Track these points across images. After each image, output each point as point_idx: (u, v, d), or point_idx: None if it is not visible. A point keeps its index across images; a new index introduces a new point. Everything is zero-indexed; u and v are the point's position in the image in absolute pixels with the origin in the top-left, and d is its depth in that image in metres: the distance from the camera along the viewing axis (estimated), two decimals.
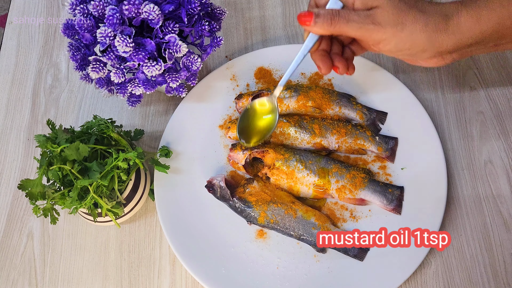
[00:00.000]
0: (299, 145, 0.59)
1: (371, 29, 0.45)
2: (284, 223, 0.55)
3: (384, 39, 0.45)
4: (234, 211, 0.57)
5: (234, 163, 0.60)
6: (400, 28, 0.44)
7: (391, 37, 0.45)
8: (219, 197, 0.57)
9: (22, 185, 0.52)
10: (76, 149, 0.51)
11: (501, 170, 0.59)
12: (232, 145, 0.60)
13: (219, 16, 0.60)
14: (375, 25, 0.45)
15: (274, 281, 0.54)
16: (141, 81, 0.55)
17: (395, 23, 0.44)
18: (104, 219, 0.55)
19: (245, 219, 0.56)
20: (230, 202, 0.56)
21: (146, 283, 0.57)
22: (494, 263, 0.54)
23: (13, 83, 0.72)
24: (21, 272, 0.59)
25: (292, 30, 0.72)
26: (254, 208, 0.56)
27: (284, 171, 0.57)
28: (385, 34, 0.45)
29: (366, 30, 0.45)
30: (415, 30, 0.44)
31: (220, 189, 0.57)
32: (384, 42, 0.46)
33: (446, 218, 0.56)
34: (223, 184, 0.56)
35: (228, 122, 0.62)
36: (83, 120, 0.68)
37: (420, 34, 0.44)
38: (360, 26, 0.45)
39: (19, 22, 0.78)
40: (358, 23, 0.45)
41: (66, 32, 0.55)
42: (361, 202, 0.56)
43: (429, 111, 0.62)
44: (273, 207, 0.55)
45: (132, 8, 0.50)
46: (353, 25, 0.45)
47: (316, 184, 0.56)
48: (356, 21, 0.45)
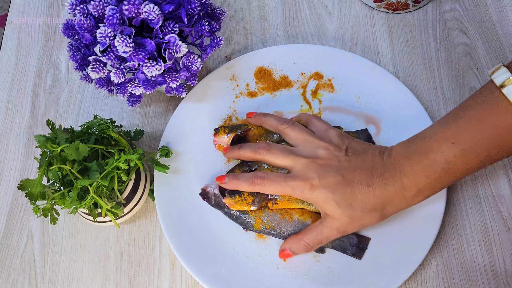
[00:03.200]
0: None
1: (341, 233, 0.52)
2: (281, 228, 0.55)
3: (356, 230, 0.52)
4: (229, 218, 0.57)
5: (220, 146, 0.60)
6: (361, 224, 0.51)
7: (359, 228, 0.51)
8: (214, 205, 0.57)
9: (22, 185, 0.52)
10: (76, 149, 0.51)
11: (501, 170, 0.58)
12: (215, 130, 0.60)
13: (219, 16, 0.60)
14: (340, 232, 0.51)
15: (274, 281, 0.54)
16: (141, 81, 0.55)
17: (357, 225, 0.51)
18: (104, 219, 0.55)
19: (241, 225, 0.56)
20: (225, 210, 0.56)
21: (146, 283, 0.57)
22: (494, 263, 0.54)
23: (13, 83, 0.72)
24: (21, 272, 0.59)
25: (292, 30, 0.72)
26: (249, 215, 0.55)
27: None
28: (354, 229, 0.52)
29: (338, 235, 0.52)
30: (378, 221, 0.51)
31: (214, 196, 0.56)
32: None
33: (446, 218, 0.56)
34: (218, 192, 0.56)
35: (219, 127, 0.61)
36: (83, 120, 0.68)
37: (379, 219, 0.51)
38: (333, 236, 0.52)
39: (19, 22, 0.78)
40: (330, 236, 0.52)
41: (66, 32, 0.55)
42: None
43: (429, 111, 0.62)
44: (268, 213, 0.55)
45: (132, 8, 0.50)
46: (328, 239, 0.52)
47: None
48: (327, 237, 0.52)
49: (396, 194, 0.48)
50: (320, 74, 0.65)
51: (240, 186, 0.54)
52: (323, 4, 0.74)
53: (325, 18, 0.72)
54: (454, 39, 0.68)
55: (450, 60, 0.67)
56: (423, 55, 0.67)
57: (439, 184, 0.48)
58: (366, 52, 0.68)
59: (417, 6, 0.70)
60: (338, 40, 0.70)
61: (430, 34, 0.69)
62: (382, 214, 0.50)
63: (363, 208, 0.49)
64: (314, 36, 0.71)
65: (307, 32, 0.71)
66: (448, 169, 0.47)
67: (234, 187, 0.54)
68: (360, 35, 0.70)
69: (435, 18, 0.70)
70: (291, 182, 0.51)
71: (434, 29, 0.69)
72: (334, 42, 0.70)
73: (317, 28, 0.71)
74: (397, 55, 0.68)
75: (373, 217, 0.50)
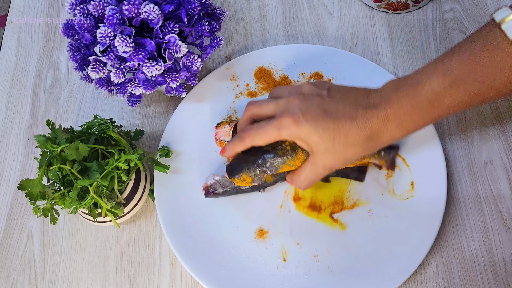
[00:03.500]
0: None
1: (326, 170, 0.51)
2: (287, 164, 0.54)
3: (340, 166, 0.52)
4: (242, 192, 0.57)
5: (221, 142, 0.59)
6: (344, 159, 0.50)
7: (342, 164, 0.51)
8: (223, 192, 0.57)
9: (22, 185, 0.52)
10: (76, 149, 0.51)
11: (501, 170, 0.59)
12: (217, 124, 0.60)
13: (219, 16, 0.60)
14: (326, 169, 0.51)
15: (274, 281, 0.54)
16: (141, 81, 0.55)
17: (340, 162, 0.50)
18: (104, 219, 0.55)
19: (256, 190, 0.57)
20: (235, 186, 0.56)
21: (146, 283, 0.57)
22: (494, 263, 0.54)
23: (13, 83, 0.72)
24: (21, 272, 0.59)
25: (292, 30, 0.72)
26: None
27: None
28: (338, 166, 0.51)
29: (325, 172, 0.51)
30: (359, 156, 0.50)
31: (219, 183, 0.56)
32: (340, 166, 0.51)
33: (446, 218, 0.56)
34: (218, 177, 0.57)
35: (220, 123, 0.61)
36: (83, 120, 0.68)
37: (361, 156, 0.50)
38: (317, 176, 0.52)
39: (19, 22, 0.78)
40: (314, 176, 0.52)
41: (66, 32, 0.55)
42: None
43: None
44: (270, 160, 0.54)
45: (132, 8, 0.50)
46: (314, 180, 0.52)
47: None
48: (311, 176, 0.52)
49: (379, 127, 0.47)
50: (320, 74, 0.65)
51: (236, 148, 0.54)
52: (323, 4, 0.74)
53: (325, 18, 0.72)
54: (454, 39, 0.68)
55: None
56: (423, 55, 0.67)
57: (422, 116, 0.47)
58: (366, 52, 0.68)
59: (417, 6, 0.70)
60: (338, 40, 0.70)
61: (430, 34, 0.69)
62: (365, 149, 0.49)
63: (346, 143, 0.48)
64: (314, 36, 0.71)
65: (307, 32, 0.71)
66: (435, 100, 0.46)
67: (233, 151, 0.54)
68: (360, 35, 0.70)
69: (435, 18, 0.70)
70: (275, 123, 0.50)
71: (434, 29, 0.69)
72: (334, 42, 0.70)
73: (317, 28, 0.71)
74: (397, 55, 0.68)
75: (356, 151, 0.49)
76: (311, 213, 0.57)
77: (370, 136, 0.48)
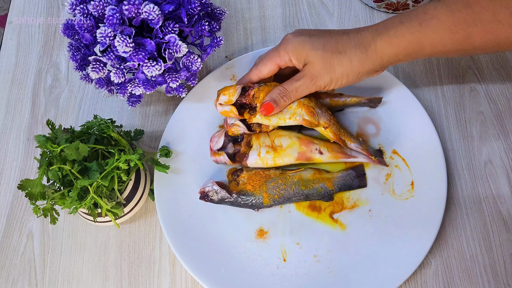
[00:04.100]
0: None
1: (314, 83, 0.54)
2: (288, 193, 0.56)
3: (327, 83, 0.54)
4: (237, 206, 0.57)
5: (216, 153, 0.59)
6: (333, 72, 0.53)
7: (331, 80, 0.53)
8: (218, 201, 0.57)
9: (22, 185, 0.52)
10: (75, 149, 0.51)
11: (501, 170, 0.59)
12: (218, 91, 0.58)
13: (219, 16, 0.60)
14: (314, 79, 0.53)
15: (274, 281, 0.54)
16: (141, 81, 0.55)
17: (327, 71, 0.53)
18: (104, 219, 0.55)
19: (251, 208, 0.57)
20: (231, 200, 0.56)
21: (146, 283, 0.57)
22: (494, 263, 0.54)
23: (13, 83, 0.72)
24: (21, 272, 0.59)
25: (292, 30, 0.72)
26: (255, 194, 0.56)
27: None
28: (325, 80, 0.53)
29: (312, 86, 0.54)
30: (345, 68, 0.53)
31: (216, 193, 0.56)
32: (329, 85, 0.54)
33: (446, 218, 0.56)
34: (217, 187, 0.56)
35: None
36: (83, 120, 0.68)
37: (350, 69, 0.53)
38: (306, 87, 0.54)
39: (19, 22, 0.78)
40: (303, 86, 0.54)
41: (66, 32, 0.55)
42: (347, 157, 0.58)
43: (429, 111, 0.62)
44: (271, 184, 0.56)
45: (132, 8, 0.50)
46: (302, 90, 0.54)
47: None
48: (301, 86, 0.54)
49: (367, 38, 0.52)
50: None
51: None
52: (323, 4, 0.74)
53: (325, 18, 0.72)
54: None
55: (450, 60, 0.66)
56: None
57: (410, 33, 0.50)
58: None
59: (417, 6, 0.70)
60: None
61: None
62: (351, 60, 0.52)
63: (335, 50, 0.52)
64: None
65: None
66: (422, 20, 0.50)
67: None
68: None
69: None
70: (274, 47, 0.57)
71: None
72: None
73: (317, 28, 0.71)
74: None
75: (342, 60, 0.52)
76: (311, 213, 0.57)
77: (358, 44, 0.52)
